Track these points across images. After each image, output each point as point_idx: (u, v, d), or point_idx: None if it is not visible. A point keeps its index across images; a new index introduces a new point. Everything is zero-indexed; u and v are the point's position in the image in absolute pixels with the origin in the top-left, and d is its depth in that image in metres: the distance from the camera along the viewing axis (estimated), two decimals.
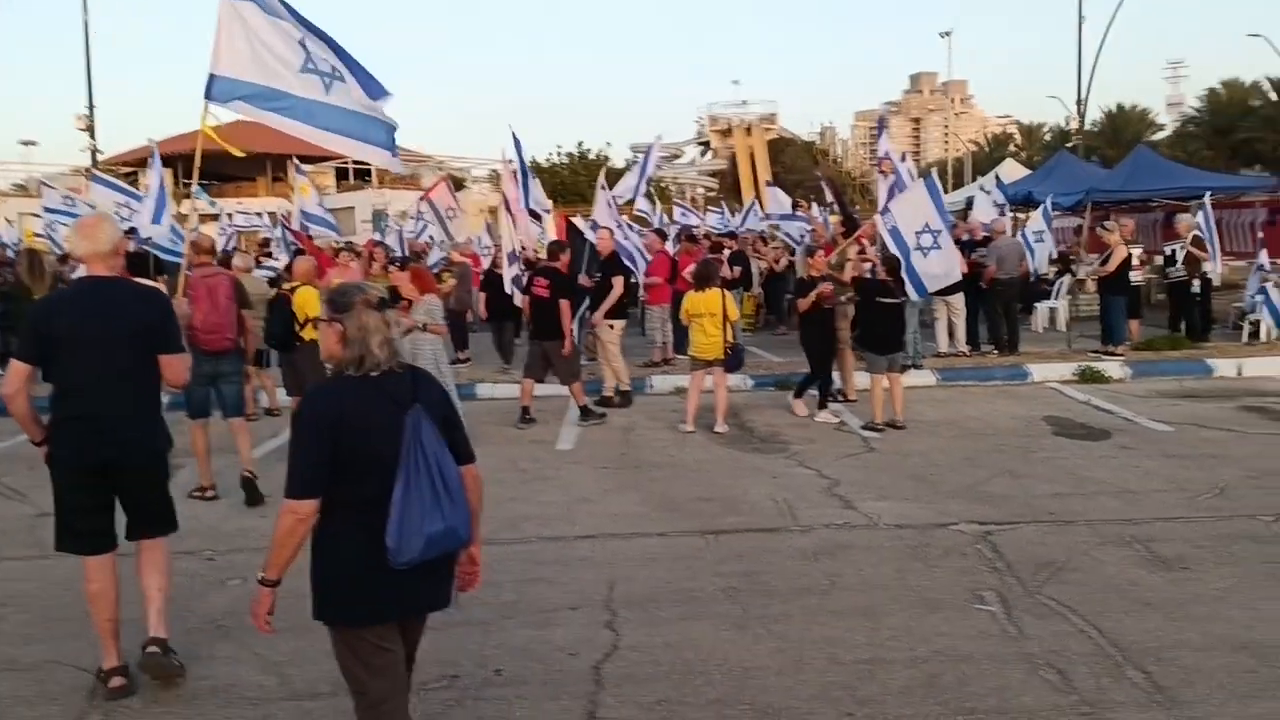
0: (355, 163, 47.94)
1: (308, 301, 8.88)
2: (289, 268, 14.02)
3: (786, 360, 13.59)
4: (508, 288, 12.38)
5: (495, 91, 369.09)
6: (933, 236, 10.78)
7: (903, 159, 12.18)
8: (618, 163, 70.96)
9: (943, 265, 10.94)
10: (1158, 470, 7.92)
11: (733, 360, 10.20)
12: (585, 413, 10.52)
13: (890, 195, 12.18)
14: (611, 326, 11.41)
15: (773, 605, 5.30)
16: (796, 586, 5.58)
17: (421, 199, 20.07)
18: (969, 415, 10.42)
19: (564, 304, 10.33)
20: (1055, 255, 17.52)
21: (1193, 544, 6.06)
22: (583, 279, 11.57)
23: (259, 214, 29.52)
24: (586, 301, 11.35)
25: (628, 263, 12.59)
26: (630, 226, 13.07)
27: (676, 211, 26.35)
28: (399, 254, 18.55)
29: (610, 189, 14.17)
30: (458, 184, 45.79)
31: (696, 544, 6.39)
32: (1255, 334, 14.38)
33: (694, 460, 8.81)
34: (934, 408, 10.85)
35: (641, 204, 30.37)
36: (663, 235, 15.57)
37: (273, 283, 13.01)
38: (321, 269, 9.89)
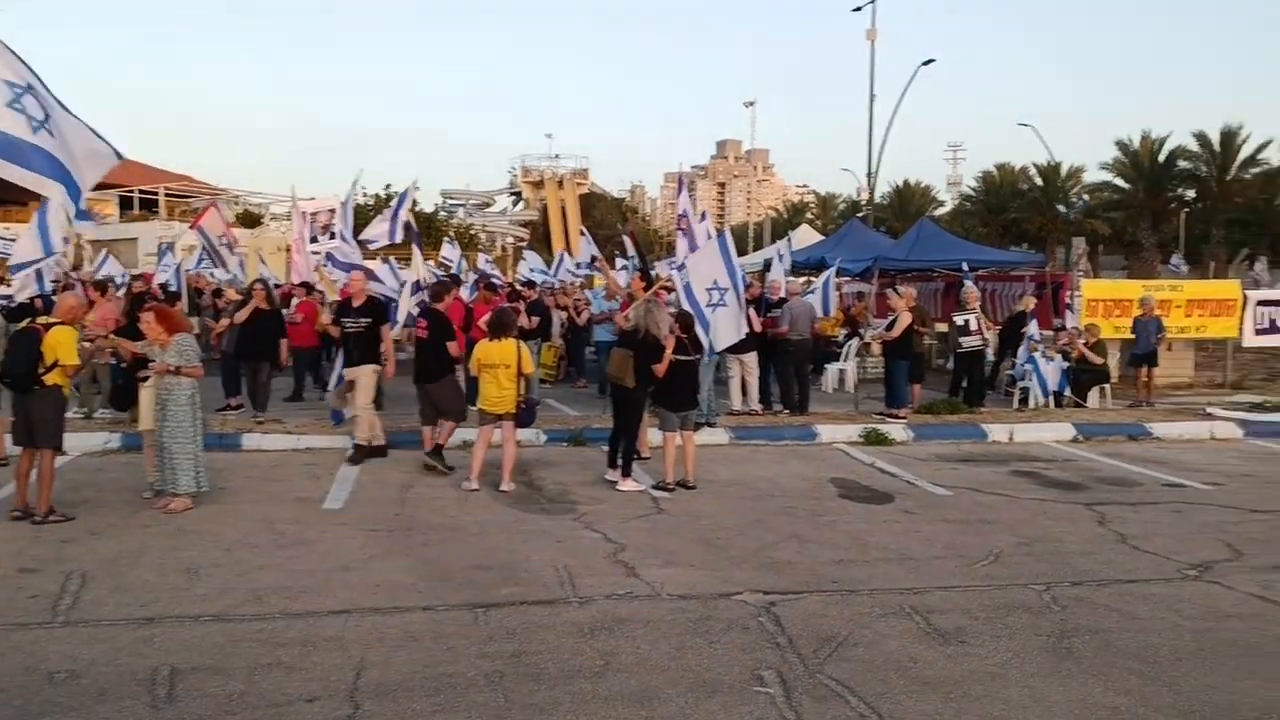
0: (142, 192, 44.91)
1: (61, 343, 7.84)
2: (38, 300, 12.66)
3: (583, 414, 13.27)
4: (401, 318, 12.18)
5: (304, 128, 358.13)
6: (720, 294, 10.77)
7: (702, 218, 12.17)
8: (426, 207, 69.86)
9: (728, 323, 10.93)
10: (937, 535, 7.95)
11: (525, 416, 9.76)
12: (434, 454, 10.15)
13: (687, 252, 12.13)
14: (374, 372, 10.78)
15: (539, 691, 4.82)
16: (568, 668, 5.12)
17: (191, 227, 18.59)
18: (759, 475, 10.32)
19: (450, 345, 10.28)
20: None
21: (970, 615, 5.99)
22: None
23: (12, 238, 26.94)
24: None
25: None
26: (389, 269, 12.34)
27: (480, 259, 25.86)
28: (175, 289, 17.21)
29: (360, 233, 13.54)
30: (253, 220, 43.61)
31: (464, 620, 5.84)
32: (1025, 400, 15.13)
33: (474, 522, 8.25)
34: (726, 467, 10.71)
35: (446, 250, 29.58)
36: (458, 282, 15.02)
37: (12, 314, 11.62)
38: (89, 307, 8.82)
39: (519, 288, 19.86)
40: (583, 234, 20.79)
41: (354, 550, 7.30)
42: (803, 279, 17.97)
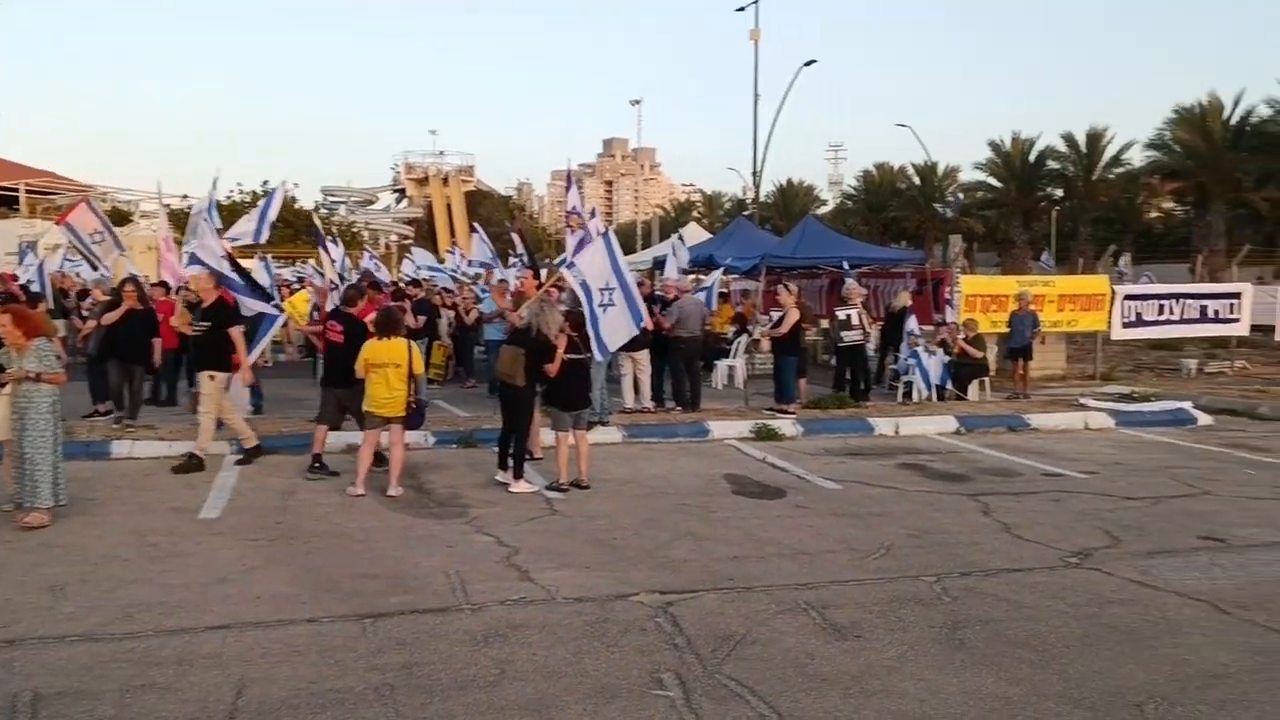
0: (1, 188, 42.54)
1: None
2: None
3: (473, 415, 13.03)
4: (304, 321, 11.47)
5: (176, 124, 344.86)
6: (608, 294, 10.69)
7: (592, 215, 12.05)
8: (306, 204, 67.98)
9: (617, 323, 10.87)
10: (829, 530, 8.02)
11: (415, 418, 9.50)
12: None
13: (578, 249, 12.01)
14: (212, 378, 10.24)
15: (432, 704, 4.64)
16: (462, 679, 4.94)
17: (58, 222, 17.56)
18: (653, 473, 10.28)
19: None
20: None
21: (865, 609, 6.03)
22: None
23: None
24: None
25: (260, 307, 11.37)
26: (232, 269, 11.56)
27: (364, 258, 25.23)
28: (39, 290, 16.25)
29: (228, 230, 12.92)
30: (122, 218, 41.68)
31: (351, 631, 5.60)
32: (909, 394, 15.48)
33: (361, 529, 7.97)
34: (619, 465, 10.63)
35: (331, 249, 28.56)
36: (376, 287, 14.58)
37: None
38: None
39: (404, 286, 19.45)
40: (475, 230, 20.41)
41: (232, 561, 6.96)
42: (691, 277, 18.03)
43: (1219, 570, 6.83)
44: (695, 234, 25.85)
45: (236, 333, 10.39)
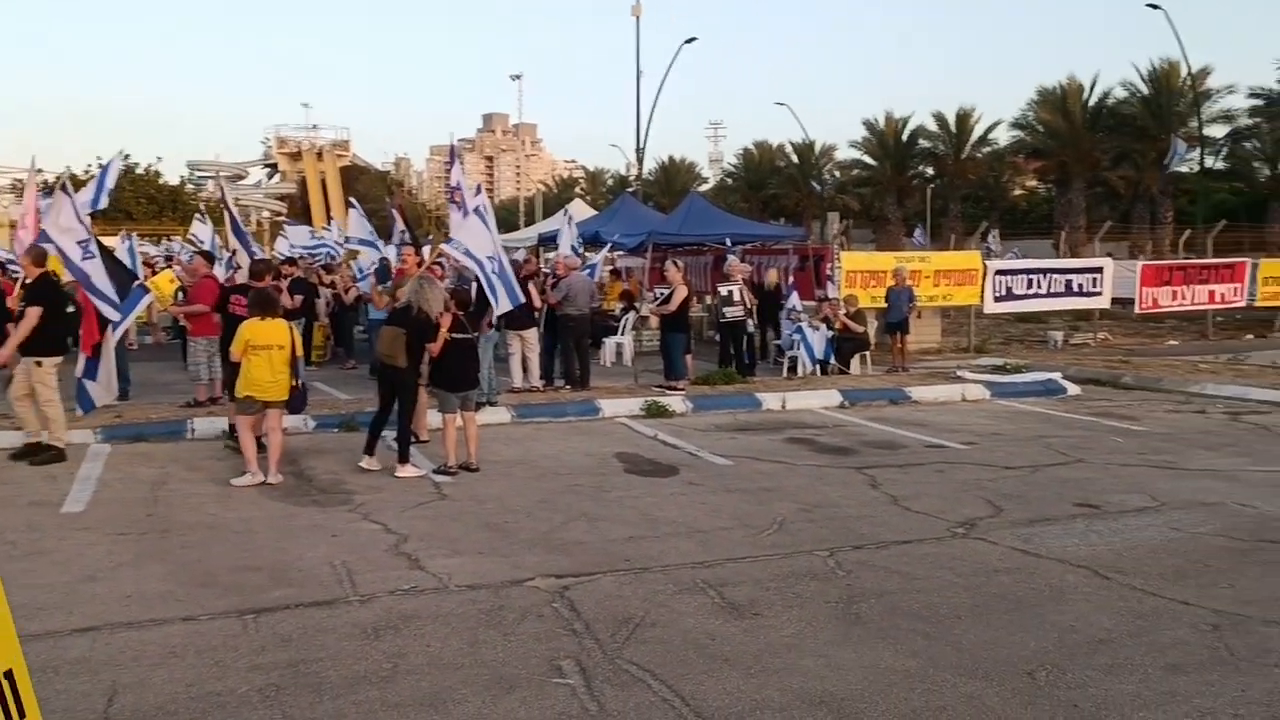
0: None
1: None
2: None
3: (354, 398, 12.63)
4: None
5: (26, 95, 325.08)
6: (495, 263, 10.59)
7: (477, 191, 11.74)
8: (171, 179, 65.05)
9: (504, 290, 10.78)
10: (723, 506, 8.03)
11: (298, 401, 9.14)
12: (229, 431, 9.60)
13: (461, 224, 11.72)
14: (40, 364, 9.39)
15: (321, 704, 4.42)
16: (352, 675, 4.73)
17: None
18: (544, 454, 10.13)
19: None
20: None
21: (762, 585, 6.04)
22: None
23: None
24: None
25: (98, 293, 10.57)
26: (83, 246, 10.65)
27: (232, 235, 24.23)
28: None
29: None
30: None
31: (232, 629, 5.31)
32: (794, 369, 15.69)
33: (239, 519, 7.61)
34: (509, 446, 10.45)
35: (197, 226, 27.49)
36: (210, 258, 13.90)
37: None
38: None
39: (279, 264, 18.73)
40: (353, 206, 19.76)
41: (100, 558, 6.55)
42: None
43: (1096, 536, 7.08)
44: (580, 210, 25.65)
45: (33, 313, 9.26)
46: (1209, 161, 43.11)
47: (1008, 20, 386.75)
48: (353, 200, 21.51)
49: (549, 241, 21.28)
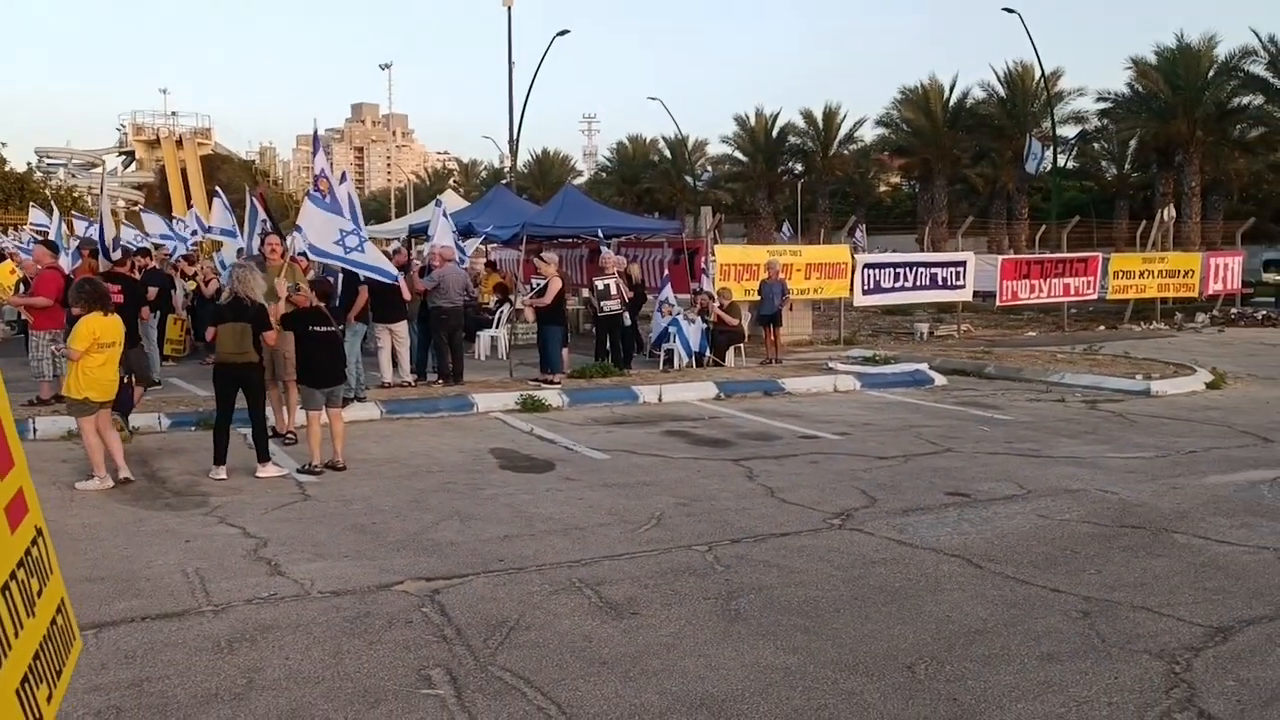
0: None
1: None
2: None
3: (213, 394, 11.95)
4: None
5: None
6: (358, 238, 10.37)
7: (342, 179, 11.28)
8: (18, 166, 61.30)
9: (374, 258, 10.62)
10: (600, 502, 7.85)
11: (126, 398, 8.63)
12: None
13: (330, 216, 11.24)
14: None
15: None
16: (202, 693, 4.38)
17: None
18: (415, 451, 9.77)
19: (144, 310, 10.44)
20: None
21: (640, 583, 5.88)
22: None
23: None
24: None
25: None
26: None
27: (82, 225, 22.85)
28: None
29: None
30: None
31: None
32: (670, 361, 15.64)
33: (82, 525, 7.07)
34: (379, 444, 10.05)
35: (36, 215, 25.89)
36: (54, 248, 13.01)
37: None
38: None
39: (133, 255, 17.72)
40: (217, 195, 18.82)
41: None
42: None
43: (968, 525, 7.18)
44: (453, 201, 25.10)
45: None
46: (1061, 161, 45.13)
47: (873, 19, 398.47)
48: (217, 190, 20.51)
49: (420, 233, 20.75)
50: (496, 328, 17.40)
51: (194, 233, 22.03)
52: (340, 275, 11.64)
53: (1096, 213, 40.75)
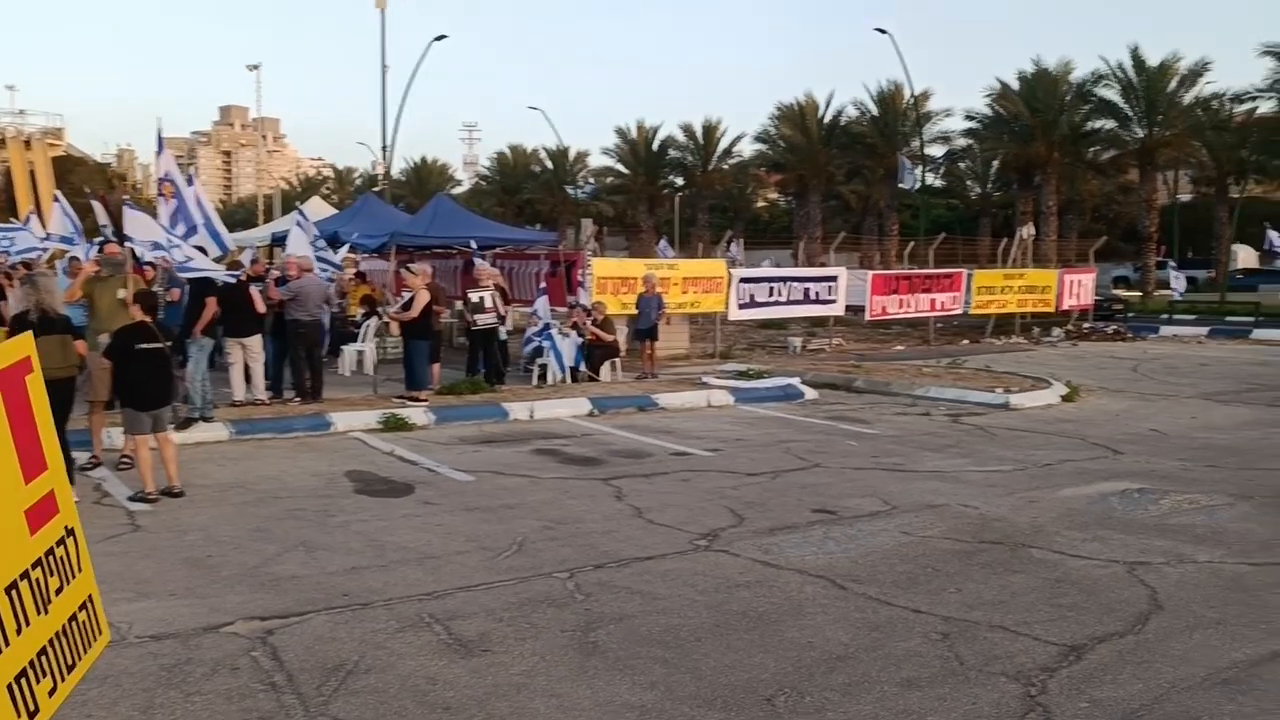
0: None
1: None
2: None
3: None
4: None
5: None
6: (186, 228, 10.33)
7: (189, 182, 10.63)
8: None
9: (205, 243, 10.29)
10: (460, 527, 7.50)
11: None
12: None
13: (173, 220, 10.58)
14: None
15: None
16: None
17: None
18: (264, 475, 9.22)
19: None
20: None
21: (495, 616, 5.57)
22: None
23: None
24: None
25: None
26: None
27: None
28: None
29: None
30: None
31: None
32: (544, 377, 15.33)
33: None
34: (224, 467, 9.46)
35: None
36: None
37: None
38: None
39: None
40: (57, 200, 17.65)
41: None
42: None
43: (833, 544, 7.09)
44: (320, 208, 24.30)
45: None
46: (929, 179, 46.58)
47: (753, 34, 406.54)
48: (57, 194, 19.26)
49: (283, 241, 19.94)
50: (363, 341, 16.79)
51: (44, 239, 20.70)
52: (187, 286, 10.98)
53: (962, 230, 42.13)
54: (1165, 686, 4.67)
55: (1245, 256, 48.08)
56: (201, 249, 10.69)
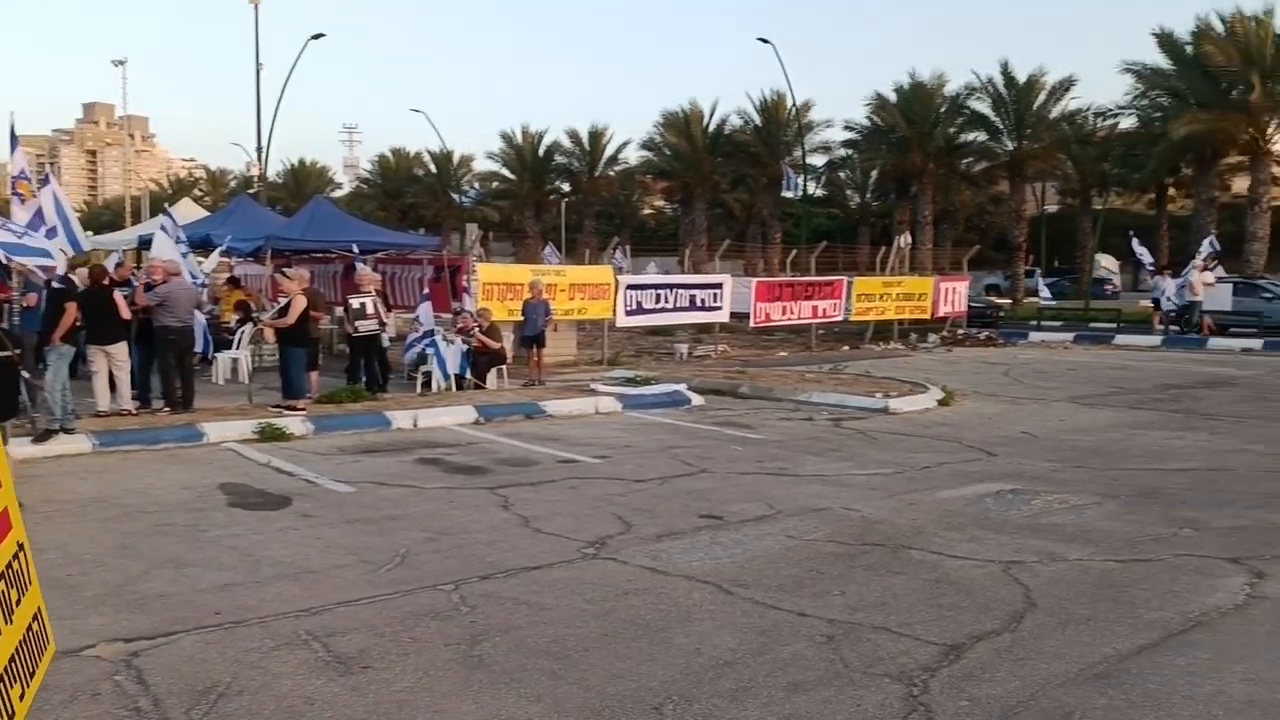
0: None
1: None
2: None
3: None
4: None
5: None
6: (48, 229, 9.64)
7: (45, 181, 10.09)
8: None
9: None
10: (340, 540, 7.28)
11: None
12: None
13: (36, 222, 10.04)
14: None
15: None
16: None
17: None
18: (130, 488, 8.79)
19: None
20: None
21: (376, 632, 5.40)
22: None
23: None
24: None
25: None
26: None
27: None
28: None
29: None
30: None
31: None
32: (428, 384, 15.05)
33: None
34: (86, 481, 8.99)
35: None
36: None
37: None
38: None
39: None
40: None
41: None
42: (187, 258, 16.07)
43: (720, 549, 7.12)
44: (190, 210, 23.42)
45: None
46: (811, 188, 47.59)
47: (639, 41, 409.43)
48: None
49: (148, 245, 19.11)
50: (238, 348, 16.21)
51: None
52: (44, 290, 10.42)
53: (842, 238, 43.17)
54: (1040, 683, 4.81)
55: (1108, 264, 50.53)
56: (63, 251, 10.18)
